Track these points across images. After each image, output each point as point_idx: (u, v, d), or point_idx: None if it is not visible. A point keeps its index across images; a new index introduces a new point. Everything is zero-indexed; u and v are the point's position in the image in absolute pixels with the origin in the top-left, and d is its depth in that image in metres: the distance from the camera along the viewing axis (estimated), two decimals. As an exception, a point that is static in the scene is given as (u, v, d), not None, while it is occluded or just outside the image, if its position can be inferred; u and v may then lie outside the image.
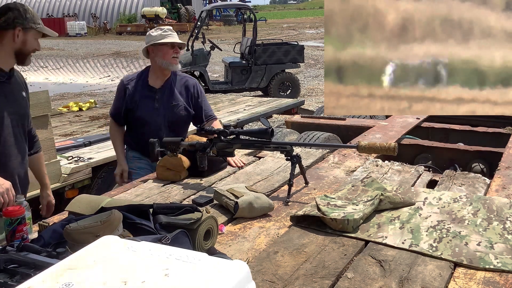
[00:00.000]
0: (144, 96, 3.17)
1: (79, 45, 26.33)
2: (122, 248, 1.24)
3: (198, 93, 3.28)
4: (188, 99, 3.24)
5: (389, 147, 2.41)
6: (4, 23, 2.33)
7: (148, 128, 3.17)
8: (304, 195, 2.46)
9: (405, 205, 2.22)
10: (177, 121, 3.23)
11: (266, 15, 46.99)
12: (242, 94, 9.92)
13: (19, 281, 1.31)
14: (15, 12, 2.34)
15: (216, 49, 10.51)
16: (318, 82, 13.36)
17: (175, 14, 37.49)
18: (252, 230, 2.07)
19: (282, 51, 10.94)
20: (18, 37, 2.33)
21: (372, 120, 5.11)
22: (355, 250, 1.84)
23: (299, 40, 19.11)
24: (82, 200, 2.04)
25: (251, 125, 6.55)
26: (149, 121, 3.18)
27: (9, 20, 2.33)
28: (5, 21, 2.33)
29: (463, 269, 1.70)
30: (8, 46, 2.35)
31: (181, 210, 1.82)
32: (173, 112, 3.18)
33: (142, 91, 3.19)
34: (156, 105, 3.17)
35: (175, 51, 3.13)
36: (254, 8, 13.31)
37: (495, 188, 2.56)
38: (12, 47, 2.35)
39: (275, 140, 2.69)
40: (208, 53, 10.45)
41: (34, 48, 2.41)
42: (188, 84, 3.27)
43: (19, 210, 1.82)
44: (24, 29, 2.34)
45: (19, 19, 2.33)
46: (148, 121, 3.18)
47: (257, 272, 1.67)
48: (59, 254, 1.44)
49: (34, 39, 2.40)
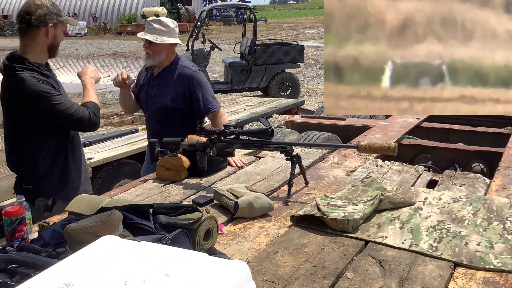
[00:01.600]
0: (145, 82, 3.26)
1: (79, 45, 26.33)
2: (122, 248, 1.24)
3: (193, 84, 3.13)
4: (184, 90, 3.13)
5: (389, 147, 2.41)
6: (36, 21, 2.40)
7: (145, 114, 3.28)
8: (304, 195, 2.46)
9: (405, 205, 2.22)
10: (164, 111, 3.17)
11: (266, 15, 46.93)
12: (242, 94, 9.93)
13: (19, 281, 1.31)
14: (45, 8, 2.41)
15: (216, 49, 10.52)
16: (318, 82, 13.36)
17: (175, 14, 37.46)
18: (252, 230, 2.06)
19: (282, 51, 10.94)
20: (50, 33, 2.43)
21: (372, 120, 5.11)
22: (355, 250, 1.84)
23: (299, 40, 19.10)
24: (82, 200, 2.04)
25: (251, 125, 6.55)
26: (143, 107, 3.29)
27: (40, 18, 2.40)
28: (36, 19, 2.40)
29: (463, 269, 1.70)
30: (43, 43, 2.45)
31: (181, 210, 1.82)
32: (160, 101, 3.16)
33: (146, 77, 3.28)
34: (150, 91, 3.21)
35: (146, 46, 3.13)
36: (254, 8, 13.32)
37: (495, 188, 2.56)
38: (46, 43, 2.45)
39: (275, 140, 2.69)
40: (208, 53, 10.46)
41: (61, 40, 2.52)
42: (183, 74, 3.14)
43: (19, 210, 1.83)
44: (54, 24, 2.41)
45: (49, 15, 2.41)
46: (143, 106, 3.30)
47: (257, 272, 1.67)
48: (59, 254, 1.44)
49: (61, 31, 2.51)
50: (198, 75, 3.18)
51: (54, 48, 2.49)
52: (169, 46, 3.15)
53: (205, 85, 3.19)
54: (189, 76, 3.13)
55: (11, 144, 2.58)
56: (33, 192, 2.49)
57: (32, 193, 2.46)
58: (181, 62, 3.22)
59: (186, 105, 3.15)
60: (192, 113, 3.20)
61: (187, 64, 3.24)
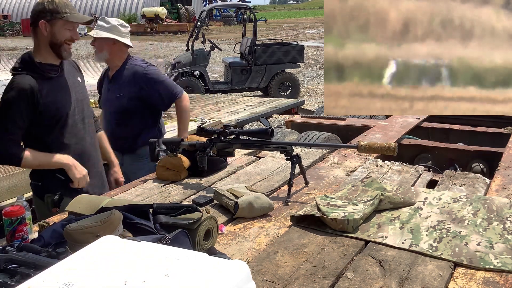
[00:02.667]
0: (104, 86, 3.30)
1: (79, 45, 26.24)
2: (122, 248, 1.24)
3: (148, 81, 3.11)
4: (140, 89, 3.11)
5: (389, 147, 2.41)
6: (32, 19, 2.43)
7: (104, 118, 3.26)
8: (304, 195, 2.46)
9: (405, 205, 2.22)
10: (121, 113, 3.17)
11: (266, 15, 46.95)
12: (242, 94, 9.92)
13: (19, 281, 1.31)
14: (40, 6, 2.42)
15: (216, 49, 10.52)
16: (318, 82, 13.36)
17: (175, 14, 37.50)
18: (252, 230, 2.06)
19: (282, 51, 10.95)
20: (46, 30, 2.41)
21: (372, 120, 5.11)
22: (355, 250, 1.84)
23: (299, 40, 19.11)
24: (82, 200, 2.04)
25: (251, 125, 6.55)
26: (103, 111, 3.30)
27: (35, 16, 2.42)
28: (32, 17, 2.43)
29: (463, 269, 1.70)
30: (43, 40, 2.44)
31: (181, 210, 1.81)
32: (117, 103, 3.16)
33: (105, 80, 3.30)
34: (106, 95, 3.23)
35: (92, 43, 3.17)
36: (254, 8, 13.32)
37: (495, 188, 2.56)
38: (45, 41, 2.44)
39: (275, 140, 2.69)
40: (208, 53, 10.46)
41: (65, 39, 2.46)
42: (136, 73, 3.13)
43: (19, 210, 1.83)
44: (49, 21, 2.40)
45: (43, 12, 2.41)
46: (103, 111, 3.30)
47: (257, 272, 1.67)
48: (59, 254, 1.44)
49: (63, 29, 2.45)
50: (151, 70, 3.15)
51: (56, 46, 2.45)
52: (111, 43, 3.12)
53: (161, 78, 3.17)
54: (142, 74, 3.11)
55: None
56: (41, 188, 2.56)
57: (40, 189, 2.57)
58: (132, 61, 3.19)
59: (144, 103, 3.14)
60: (151, 111, 3.20)
61: (138, 62, 3.21)
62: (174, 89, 3.18)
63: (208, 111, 6.37)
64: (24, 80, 2.38)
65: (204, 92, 9.71)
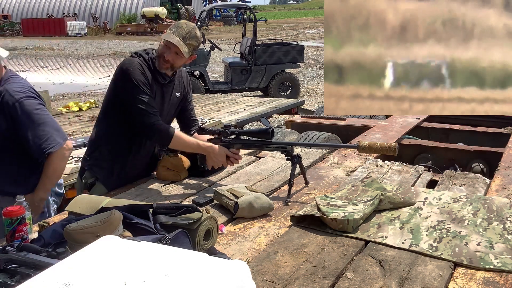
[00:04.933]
0: None
1: (79, 45, 26.31)
2: (122, 248, 1.24)
3: (17, 117, 2.32)
4: (7, 124, 2.34)
5: (389, 147, 2.41)
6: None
7: None
8: (304, 195, 2.46)
9: (405, 205, 2.22)
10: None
11: (266, 15, 46.99)
12: (242, 94, 9.92)
13: (19, 281, 1.31)
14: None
15: (216, 49, 10.51)
16: (318, 82, 13.35)
17: (175, 14, 37.49)
18: (252, 230, 2.07)
19: (282, 51, 10.93)
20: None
21: (372, 120, 5.11)
22: (355, 250, 1.84)
23: (299, 40, 19.10)
24: (82, 200, 2.04)
25: (251, 125, 6.55)
26: None
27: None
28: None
29: (463, 269, 1.70)
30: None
31: (181, 210, 1.81)
32: None
33: None
34: None
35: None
36: (254, 8, 13.31)
37: (495, 188, 2.56)
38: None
39: (275, 140, 2.69)
40: (208, 53, 10.45)
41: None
42: (5, 103, 2.32)
43: (19, 210, 1.82)
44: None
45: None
46: None
47: (257, 272, 1.67)
48: (59, 254, 1.44)
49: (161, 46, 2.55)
50: (25, 104, 2.31)
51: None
52: None
53: (35, 117, 2.33)
54: (11, 107, 2.30)
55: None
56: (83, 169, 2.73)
57: (82, 170, 2.73)
58: (6, 85, 2.34)
59: (15, 143, 2.36)
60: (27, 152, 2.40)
61: (14, 87, 2.34)
62: (49, 138, 2.36)
63: (208, 111, 6.37)
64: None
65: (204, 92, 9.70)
